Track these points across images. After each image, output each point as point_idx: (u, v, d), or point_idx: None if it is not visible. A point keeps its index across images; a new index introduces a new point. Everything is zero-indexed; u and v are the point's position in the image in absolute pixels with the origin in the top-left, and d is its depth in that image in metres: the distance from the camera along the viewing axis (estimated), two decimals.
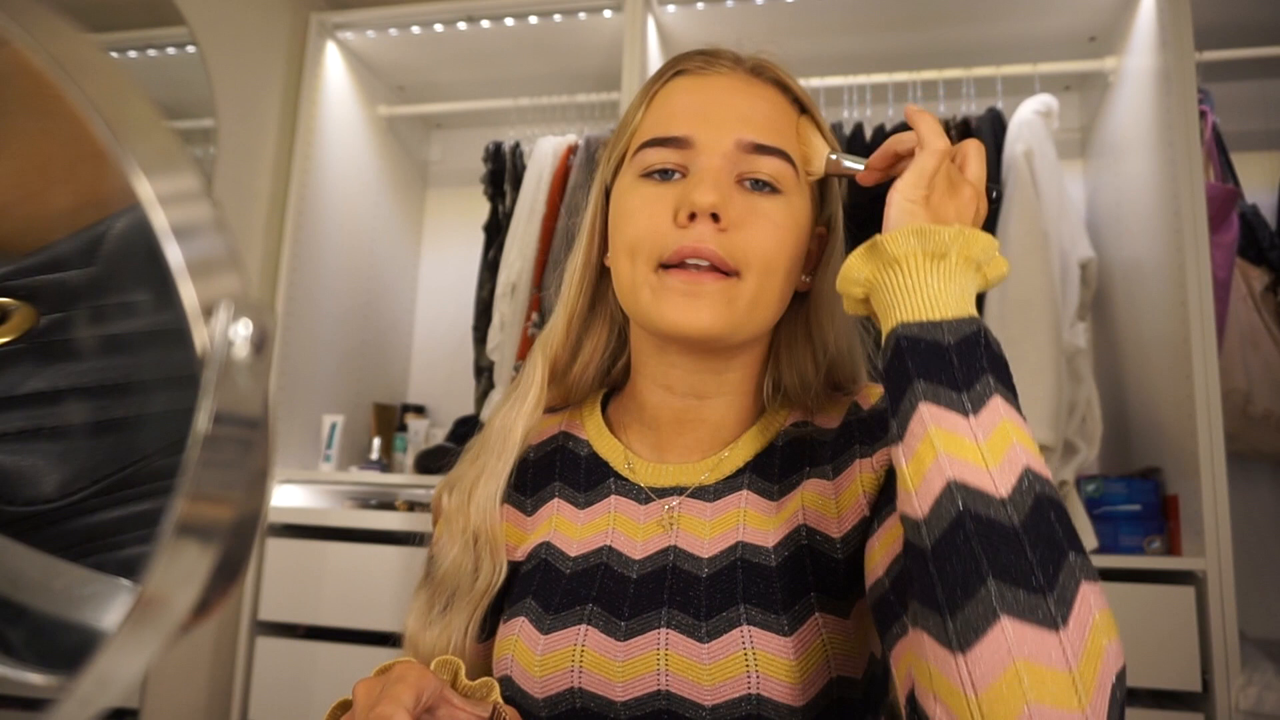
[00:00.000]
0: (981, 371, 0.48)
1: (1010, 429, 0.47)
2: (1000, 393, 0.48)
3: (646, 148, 0.64)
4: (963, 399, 0.47)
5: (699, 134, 0.63)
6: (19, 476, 0.28)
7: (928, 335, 0.49)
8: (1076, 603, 0.42)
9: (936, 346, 0.49)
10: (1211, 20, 1.76)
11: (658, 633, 0.59)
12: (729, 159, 0.62)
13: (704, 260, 0.60)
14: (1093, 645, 0.42)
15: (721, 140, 0.62)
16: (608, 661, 0.59)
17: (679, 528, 0.65)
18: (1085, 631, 0.42)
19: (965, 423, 0.46)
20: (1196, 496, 1.52)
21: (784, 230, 0.62)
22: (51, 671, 0.26)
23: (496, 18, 2.06)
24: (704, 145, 0.63)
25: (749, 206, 0.62)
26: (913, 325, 0.50)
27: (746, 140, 0.62)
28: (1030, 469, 0.45)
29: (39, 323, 0.29)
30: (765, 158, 0.63)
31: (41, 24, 0.23)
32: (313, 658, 1.81)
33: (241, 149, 1.95)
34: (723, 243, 0.60)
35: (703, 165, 0.62)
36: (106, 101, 0.23)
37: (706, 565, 0.62)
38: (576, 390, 0.75)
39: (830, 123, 1.97)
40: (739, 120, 0.63)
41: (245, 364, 0.23)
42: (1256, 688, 1.43)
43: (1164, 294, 1.66)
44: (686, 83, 0.67)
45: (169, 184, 0.23)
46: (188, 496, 0.22)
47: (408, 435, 2.19)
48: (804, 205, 0.65)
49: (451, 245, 2.54)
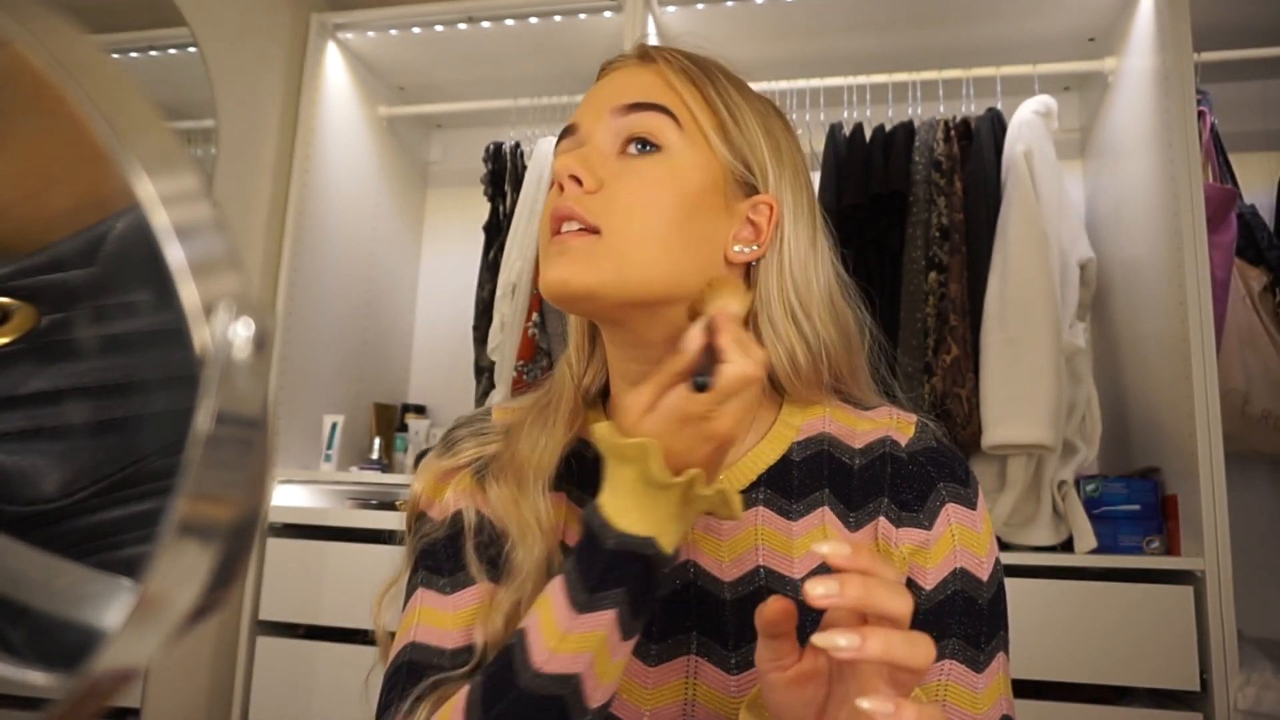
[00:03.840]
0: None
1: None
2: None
3: (557, 143, 0.68)
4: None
5: (584, 118, 0.65)
6: (20, 476, 0.28)
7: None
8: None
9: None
10: (1210, 21, 1.76)
11: (687, 660, 0.59)
12: (608, 129, 0.64)
13: (572, 221, 0.61)
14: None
15: (600, 114, 0.64)
16: (636, 686, 0.59)
17: (693, 540, 0.63)
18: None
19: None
20: (1195, 496, 1.52)
21: (655, 184, 0.61)
22: (52, 671, 0.26)
23: (496, 18, 2.06)
24: (585, 125, 0.65)
25: (622, 169, 0.62)
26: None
27: (619, 104, 0.64)
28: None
29: (39, 323, 0.29)
30: (640, 114, 0.63)
31: (42, 24, 0.23)
32: (313, 658, 1.81)
33: (242, 149, 1.95)
34: (585, 202, 0.61)
35: (589, 146, 0.64)
36: (106, 102, 0.23)
37: (728, 589, 0.61)
38: (587, 399, 0.73)
39: (830, 123, 1.98)
40: (616, 93, 0.65)
41: (245, 364, 0.23)
42: (1255, 687, 1.43)
43: (1163, 294, 1.66)
44: (592, 87, 0.69)
45: (169, 184, 0.23)
46: (188, 496, 0.22)
47: (408, 435, 2.19)
48: (694, 160, 0.63)
49: (451, 245, 2.54)
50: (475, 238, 2.25)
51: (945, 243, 1.80)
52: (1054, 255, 1.73)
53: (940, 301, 1.78)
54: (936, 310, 1.79)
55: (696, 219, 0.62)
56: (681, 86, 0.65)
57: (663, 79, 0.66)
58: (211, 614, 0.25)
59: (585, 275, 0.59)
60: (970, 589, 0.61)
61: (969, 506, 0.63)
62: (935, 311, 1.79)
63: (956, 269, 1.78)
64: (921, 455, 0.64)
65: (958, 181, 1.83)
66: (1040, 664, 1.53)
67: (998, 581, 0.63)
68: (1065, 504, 1.67)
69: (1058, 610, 1.55)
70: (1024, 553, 1.64)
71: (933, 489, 0.63)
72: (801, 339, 0.65)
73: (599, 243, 0.60)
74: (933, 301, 1.79)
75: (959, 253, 1.79)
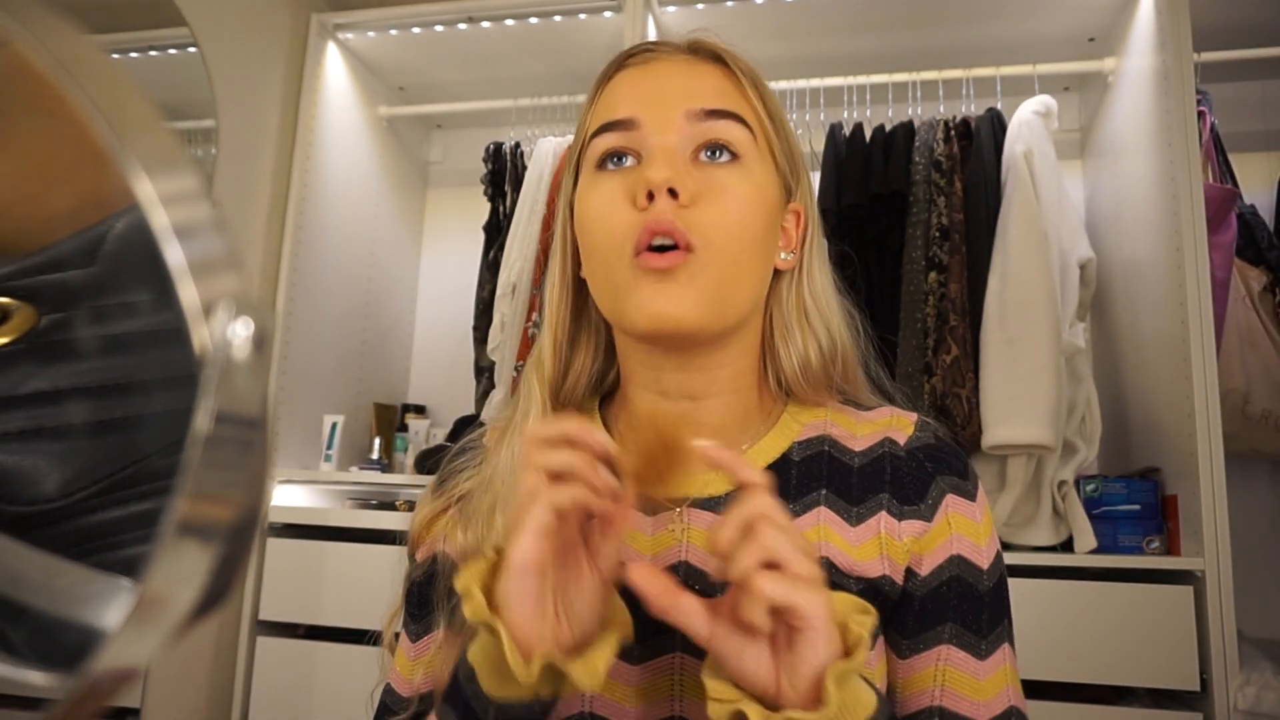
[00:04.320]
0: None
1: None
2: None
3: (595, 137, 0.62)
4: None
5: (645, 114, 0.61)
6: (20, 476, 0.28)
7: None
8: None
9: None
10: (1210, 21, 1.76)
11: (673, 658, 0.58)
12: (681, 133, 0.60)
13: (670, 239, 0.57)
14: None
15: (669, 115, 0.60)
16: (621, 686, 0.58)
17: (689, 540, 0.62)
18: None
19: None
20: (1195, 496, 1.52)
21: (747, 201, 0.60)
22: (53, 671, 0.26)
23: (496, 18, 2.06)
24: (652, 124, 0.60)
25: (706, 180, 0.59)
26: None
27: (695, 108, 0.60)
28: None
29: (39, 323, 0.29)
30: (719, 122, 0.61)
31: (42, 24, 0.23)
32: (313, 658, 1.81)
33: (242, 149, 1.95)
34: (683, 217, 0.57)
35: (654, 144, 0.60)
36: (107, 102, 0.23)
37: (720, 588, 0.60)
38: (570, 402, 0.72)
39: (830, 123, 1.98)
40: (684, 94, 0.61)
41: (245, 364, 0.23)
42: (1255, 687, 1.43)
43: (1163, 294, 1.66)
44: (629, 74, 0.65)
45: (169, 184, 0.23)
46: (188, 496, 0.22)
47: (408, 435, 2.19)
48: (768, 174, 0.63)
49: (451, 245, 2.54)
50: (475, 238, 2.25)
51: (945, 243, 1.80)
52: (1054, 255, 1.73)
53: (940, 301, 1.78)
54: (936, 310, 1.79)
55: (772, 233, 0.63)
56: (750, 92, 0.63)
57: (732, 82, 0.63)
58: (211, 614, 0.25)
59: (695, 310, 0.57)
60: (968, 575, 0.61)
61: (968, 498, 0.64)
62: (935, 311, 1.79)
63: (956, 269, 1.78)
64: (920, 452, 0.64)
65: (958, 181, 1.83)
66: (1040, 664, 1.53)
67: (999, 573, 0.63)
68: (1065, 504, 1.67)
69: (1058, 610, 1.55)
70: (1024, 553, 1.64)
71: (932, 482, 0.63)
72: (815, 341, 0.66)
73: (695, 263, 0.57)
74: (933, 301, 1.79)
75: (959, 253, 1.79)
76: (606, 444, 0.48)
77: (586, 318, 0.70)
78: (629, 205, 0.59)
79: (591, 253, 0.62)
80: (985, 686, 0.58)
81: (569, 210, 0.68)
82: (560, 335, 0.68)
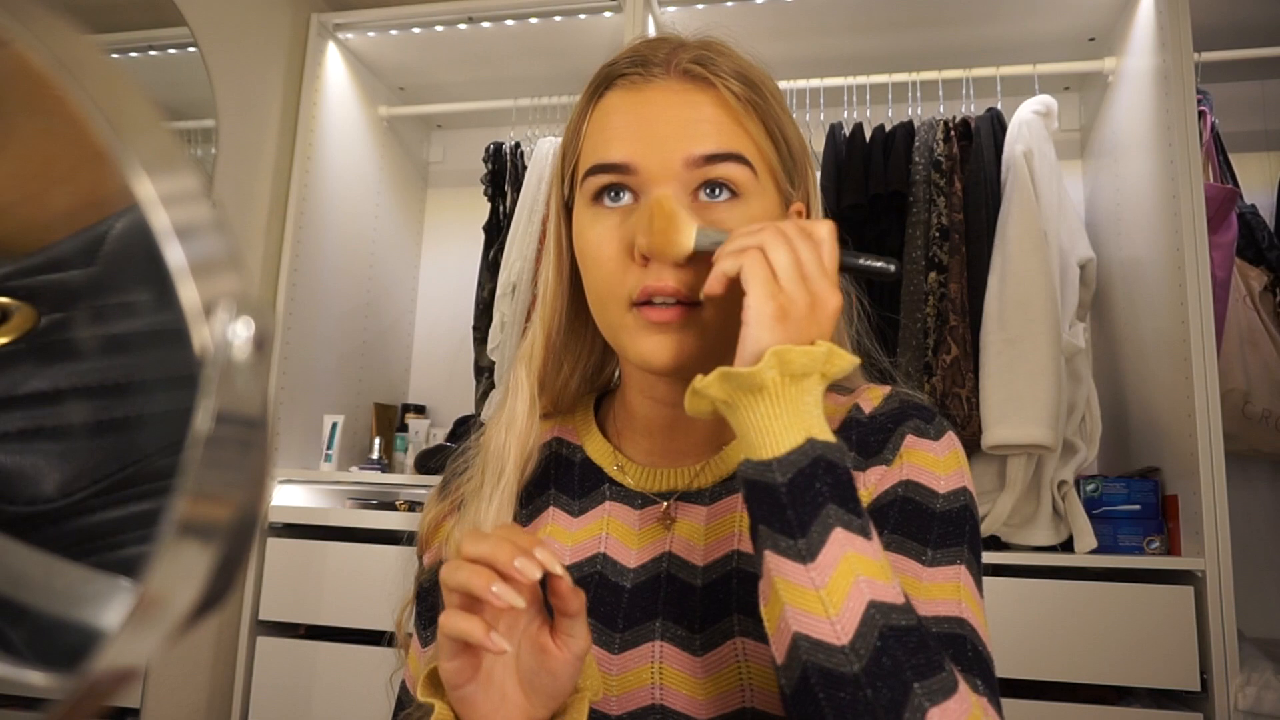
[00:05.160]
0: (819, 505, 0.48)
1: (853, 563, 0.47)
2: (842, 523, 0.48)
3: (591, 175, 0.62)
4: (798, 545, 0.47)
5: (642, 158, 0.59)
6: (19, 476, 0.28)
7: (761, 477, 0.49)
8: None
9: (769, 489, 0.48)
10: (1211, 21, 1.76)
11: (652, 645, 0.59)
12: (679, 180, 0.59)
13: (669, 297, 0.58)
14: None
15: (669, 162, 0.59)
16: (603, 675, 0.59)
17: (675, 533, 0.64)
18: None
19: (804, 571, 0.47)
20: (1196, 496, 1.52)
21: None
22: (52, 671, 0.26)
23: (496, 18, 2.06)
24: (649, 170, 0.59)
25: None
26: (750, 466, 0.50)
27: (696, 155, 0.59)
28: (875, 603, 0.46)
29: (39, 323, 0.29)
30: (719, 166, 0.60)
31: (42, 24, 0.23)
32: (313, 658, 1.81)
33: (242, 149, 1.95)
34: (682, 277, 0.58)
35: (654, 195, 0.59)
36: (106, 101, 0.23)
37: (701, 575, 0.61)
38: (565, 397, 0.73)
39: (830, 123, 1.98)
40: (682, 135, 0.60)
41: (245, 364, 0.23)
42: (1255, 687, 1.43)
43: (1163, 294, 1.66)
44: (620, 98, 0.63)
45: (169, 184, 0.23)
46: (188, 496, 0.22)
47: (408, 435, 2.19)
48: (767, 205, 0.62)
49: (451, 245, 2.54)
50: (475, 238, 2.25)
51: (945, 243, 1.80)
52: (1054, 255, 1.73)
53: (940, 301, 1.78)
54: (936, 310, 1.79)
55: None
56: (748, 121, 0.61)
57: (729, 113, 0.61)
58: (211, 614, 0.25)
59: (696, 358, 0.58)
60: (916, 495, 0.59)
61: (929, 438, 0.62)
62: (935, 311, 1.79)
63: (956, 269, 1.78)
64: (885, 415, 0.64)
65: (958, 181, 1.83)
66: (1040, 664, 1.53)
67: (960, 506, 0.59)
68: (1065, 504, 1.67)
69: (1058, 610, 1.55)
70: (1024, 553, 1.64)
71: (893, 433, 0.62)
72: None
73: (697, 318, 0.59)
74: (932, 301, 1.79)
75: (959, 253, 1.79)
76: (532, 568, 0.48)
77: (582, 318, 0.70)
78: (626, 255, 0.59)
79: (591, 290, 0.63)
80: (928, 588, 0.55)
81: (565, 213, 0.68)
82: (554, 332, 0.69)
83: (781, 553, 0.47)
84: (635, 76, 0.63)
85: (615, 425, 0.72)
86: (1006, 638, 1.54)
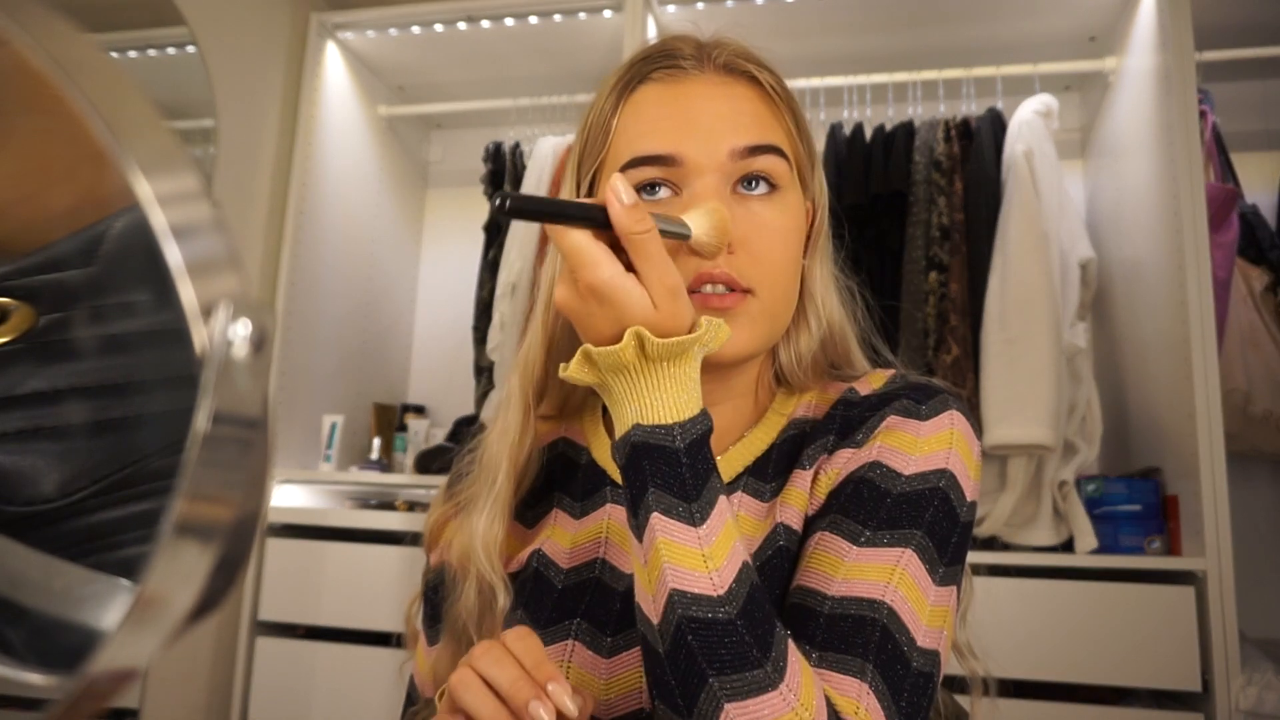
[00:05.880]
0: (712, 469, 0.50)
1: (732, 531, 0.50)
2: (725, 492, 0.51)
3: (630, 169, 0.61)
4: (691, 509, 0.49)
5: (688, 150, 0.60)
6: (19, 476, 0.28)
7: (660, 441, 0.50)
8: (789, 660, 0.47)
9: (667, 453, 0.49)
10: (1211, 20, 1.76)
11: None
12: (724, 171, 0.60)
13: (719, 285, 0.59)
14: (805, 685, 0.47)
15: (714, 153, 0.60)
16: (592, 679, 0.59)
17: (608, 535, 0.63)
18: (798, 679, 0.47)
19: (693, 533, 0.49)
20: (1196, 496, 1.52)
21: (787, 233, 0.61)
22: (51, 671, 0.26)
23: (496, 18, 2.06)
24: (696, 162, 0.59)
25: (750, 218, 0.60)
26: (645, 429, 0.50)
27: (740, 146, 0.60)
28: (748, 563, 0.50)
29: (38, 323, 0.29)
30: (761, 158, 0.61)
31: (41, 24, 0.23)
32: (313, 658, 1.81)
33: (241, 149, 1.95)
34: (734, 264, 0.59)
35: (697, 189, 0.59)
36: (105, 101, 0.23)
37: (628, 583, 0.61)
38: (572, 400, 0.72)
39: (830, 123, 1.98)
40: (726, 127, 0.60)
41: (245, 364, 0.23)
42: (1256, 688, 1.43)
43: (1164, 294, 1.66)
44: (656, 91, 0.63)
45: (168, 184, 0.23)
46: (187, 496, 0.22)
47: (408, 435, 2.19)
48: (798, 197, 0.64)
49: (451, 245, 2.54)
50: (475, 238, 2.25)
51: (945, 243, 1.80)
52: (1054, 255, 1.73)
53: (940, 301, 1.78)
54: (937, 310, 1.78)
55: (801, 253, 0.65)
56: (784, 114, 0.64)
57: (768, 106, 0.63)
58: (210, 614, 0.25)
59: (751, 342, 0.60)
60: (878, 478, 0.57)
61: (914, 417, 0.60)
62: (935, 311, 1.79)
63: (957, 269, 1.78)
64: (876, 396, 0.63)
65: (958, 181, 1.83)
66: (1040, 664, 1.53)
67: (929, 486, 0.57)
68: (1066, 504, 1.67)
69: (1058, 610, 1.55)
70: (1024, 553, 1.64)
71: (876, 414, 0.61)
72: (809, 333, 0.67)
73: (756, 305, 0.60)
74: (933, 301, 1.79)
75: (959, 253, 1.79)
76: (546, 714, 0.47)
77: None
78: (672, 247, 0.58)
79: None
80: (850, 568, 0.53)
81: None
82: (558, 333, 0.67)
83: (673, 515, 0.49)
84: (672, 69, 0.63)
85: None
86: (1007, 638, 1.54)
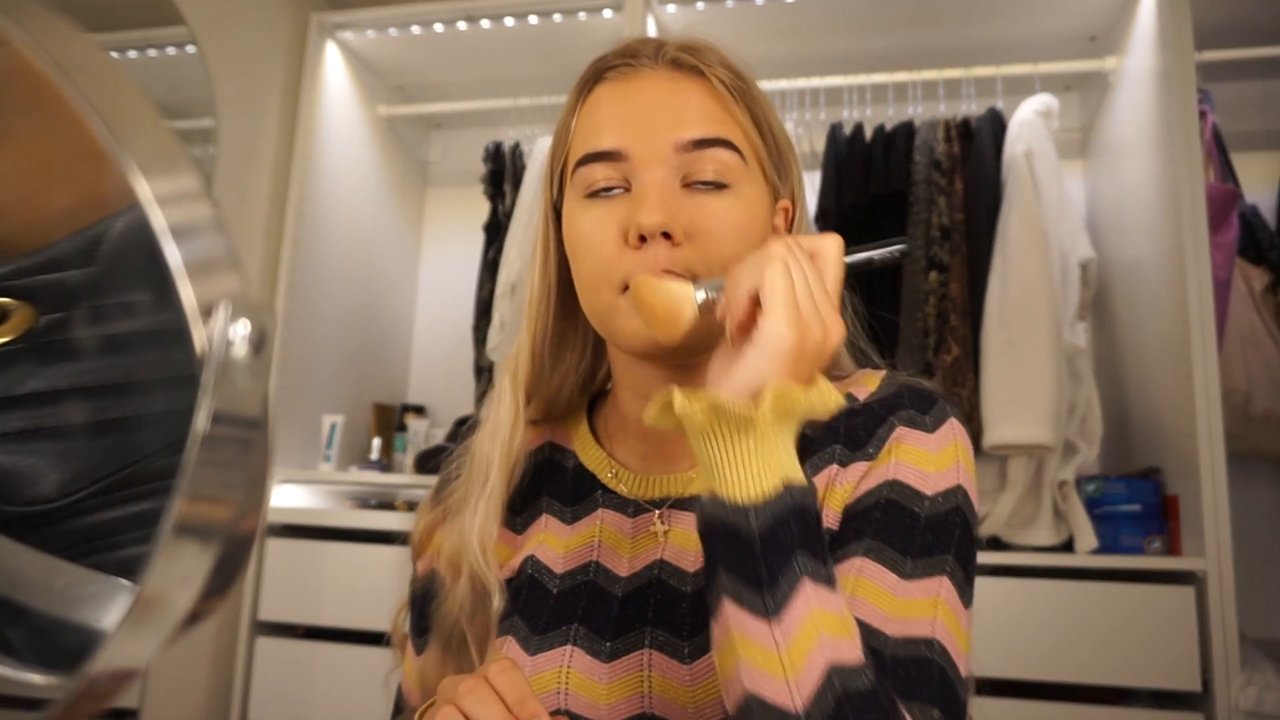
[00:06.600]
0: (790, 555, 0.46)
1: (817, 621, 0.45)
2: (810, 573, 0.46)
3: (581, 166, 0.61)
4: (764, 600, 0.45)
5: (632, 144, 0.60)
6: (19, 476, 0.28)
7: (733, 521, 0.46)
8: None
9: (739, 536, 0.46)
10: (1211, 20, 1.76)
11: (641, 654, 0.58)
12: (669, 165, 0.59)
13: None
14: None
15: (658, 146, 0.59)
16: (592, 683, 0.58)
17: (669, 540, 0.63)
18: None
19: (766, 629, 0.45)
20: (1196, 496, 1.52)
21: (737, 229, 0.60)
22: (51, 671, 0.26)
23: (496, 18, 2.06)
24: (640, 156, 0.59)
25: (698, 212, 0.59)
26: (719, 506, 0.47)
27: (685, 139, 0.59)
28: (835, 666, 0.45)
29: (38, 323, 0.29)
30: (708, 151, 0.60)
31: (41, 24, 0.23)
32: (313, 658, 1.81)
33: (241, 149, 1.95)
34: (678, 259, 0.58)
35: (644, 180, 0.59)
36: (105, 101, 0.22)
37: (691, 582, 0.60)
38: (558, 403, 0.72)
39: (830, 123, 1.98)
40: (671, 121, 0.60)
41: (244, 364, 0.23)
42: (1256, 688, 1.43)
43: (1164, 294, 1.66)
44: (609, 89, 0.63)
45: (168, 184, 0.23)
46: (187, 496, 0.22)
47: (408, 435, 2.19)
48: (757, 192, 0.62)
49: (451, 245, 2.54)
50: (475, 238, 2.25)
51: (946, 243, 1.80)
52: (1054, 255, 1.73)
53: (940, 301, 1.78)
54: (937, 310, 1.78)
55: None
56: (737, 110, 0.62)
57: (717, 101, 0.62)
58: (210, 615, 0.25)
59: (685, 333, 0.57)
60: (902, 498, 0.57)
61: (922, 429, 0.60)
62: (935, 311, 1.79)
63: (957, 269, 1.78)
64: (877, 403, 0.62)
65: (958, 181, 1.83)
66: (1040, 664, 1.53)
67: (951, 507, 0.57)
68: (1066, 504, 1.67)
69: (1058, 610, 1.55)
70: (1024, 553, 1.64)
71: (883, 424, 0.60)
72: None
73: None
74: (933, 301, 1.79)
75: (959, 253, 1.79)
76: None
77: (573, 320, 0.69)
78: (620, 240, 0.59)
79: (582, 278, 0.62)
80: (903, 604, 0.53)
81: (553, 215, 0.67)
82: (541, 338, 0.68)
83: (745, 606, 0.45)
84: (623, 68, 0.63)
85: (608, 429, 0.71)
86: (1007, 638, 1.54)
